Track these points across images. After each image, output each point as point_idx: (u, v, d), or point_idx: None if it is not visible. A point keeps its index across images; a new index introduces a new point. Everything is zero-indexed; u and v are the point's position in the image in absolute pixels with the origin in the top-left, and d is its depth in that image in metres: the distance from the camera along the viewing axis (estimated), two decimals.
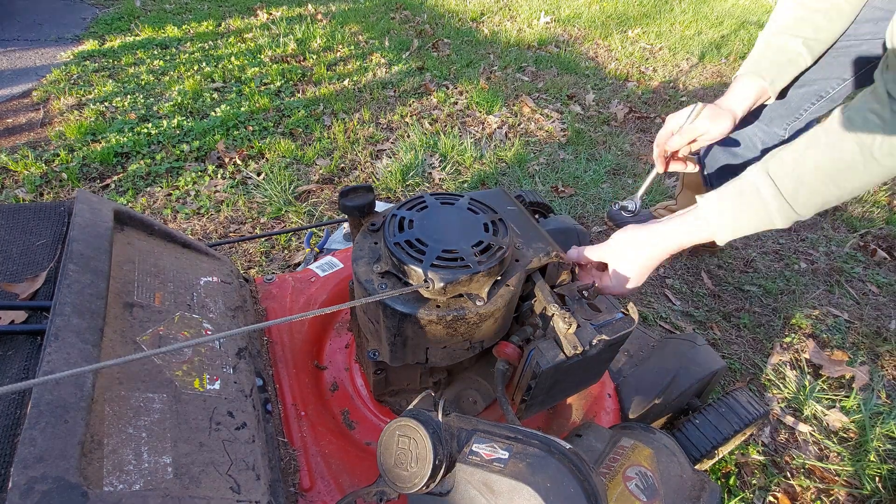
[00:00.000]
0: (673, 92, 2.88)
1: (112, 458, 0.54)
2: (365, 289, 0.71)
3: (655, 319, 1.49)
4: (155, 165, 1.92)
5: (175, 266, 0.85)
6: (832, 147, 0.68)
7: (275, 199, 1.77)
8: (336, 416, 0.95)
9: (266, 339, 0.96)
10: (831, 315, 1.58)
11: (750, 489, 1.13)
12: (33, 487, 0.45)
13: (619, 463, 0.77)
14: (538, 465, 0.55)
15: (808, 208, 0.72)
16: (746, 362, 1.41)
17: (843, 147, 0.67)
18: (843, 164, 0.68)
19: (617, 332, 0.74)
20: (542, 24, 3.70)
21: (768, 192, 0.72)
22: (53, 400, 0.51)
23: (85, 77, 2.53)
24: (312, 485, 0.78)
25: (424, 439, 0.56)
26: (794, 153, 0.71)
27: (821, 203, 0.72)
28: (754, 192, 0.73)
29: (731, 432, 0.96)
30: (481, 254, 0.70)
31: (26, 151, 1.89)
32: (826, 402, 1.31)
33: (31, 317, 0.68)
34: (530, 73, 2.98)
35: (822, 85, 1.17)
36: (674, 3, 4.27)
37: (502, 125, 2.43)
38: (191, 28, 3.19)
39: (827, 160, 0.69)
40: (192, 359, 0.72)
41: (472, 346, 0.75)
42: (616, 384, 1.05)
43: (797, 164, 0.71)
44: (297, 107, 2.39)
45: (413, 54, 3.07)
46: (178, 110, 2.30)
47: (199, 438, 0.63)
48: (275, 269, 1.54)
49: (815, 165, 0.69)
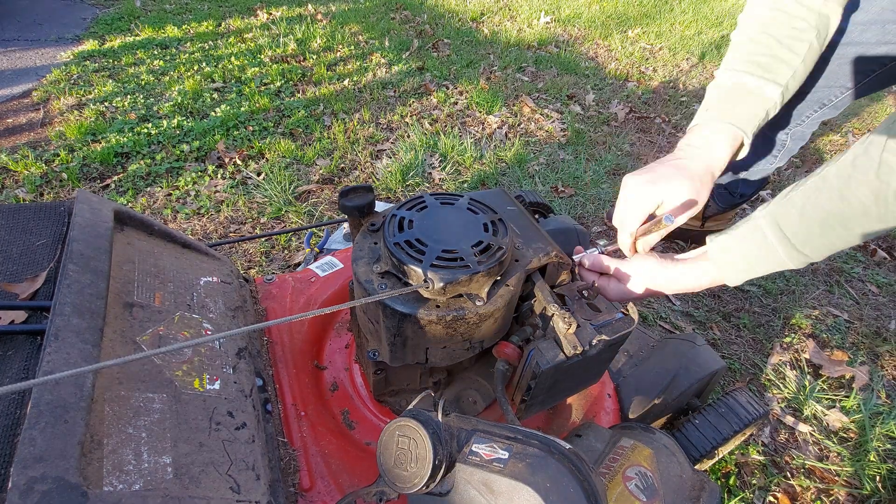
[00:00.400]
0: (673, 92, 2.88)
1: (112, 458, 0.54)
2: (365, 289, 0.71)
3: (655, 319, 1.49)
4: (155, 165, 1.92)
5: (175, 266, 0.85)
6: (842, 191, 0.63)
7: (275, 199, 1.77)
8: (336, 416, 0.95)
9: (266, 339, 0.96)
10: (831, 315, 1.58)
11: (750, 489, 1.13)
12: (33, 487, 0.45)
13: (618, 463, 0.77)
14: (538, 465, 0.55)
15: (818, 253, 0.68)
16: (746, 362, 1.41)
17: (855, 192, 0.62)
18: (854, 210, 0.63)
19: (617, 332, 0.74)
20: (542, 24, 3.70)
21: (774, 238, 0.69)
22: (53, 400, 0.51)
23: (85, 77, 2.53)
24: (312, 485, 0.78)
25: (424, 439, 0.56)
26: (802, 196, 0.67)
27: (831, 247, 0.68)
28: (761, 238, 0.71)
29: (730, 432, 0.96)
30: (481, 254, 0.70)
31: (26, 151, 1.89)
32: (826, 402, 1.31)
33: (31, 317, 0.68)
34: (530, 73, 2.98)
35: (825, 93, 1.16)
36: (674, 3, 4.26)
37: (502, 125, 2.43)
38: (191, 28, 3.20)
39: (836, 205, 0.64)
40: (192, 359, 0.72)
41: (472, 346, 0.75)
42: (616, 384, 1.05)
43: (805, 208, 0.67)
44: (297, 107, 2.39)
45: (413, 54, 3.07)
46: (178, 110, 2.30)
47: (199, 438, 0.63)
48: (275, 269, 1.54)
49: (824, 210, 0.65)
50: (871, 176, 0.60)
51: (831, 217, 0.65)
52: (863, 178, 0.61)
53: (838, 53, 1.07)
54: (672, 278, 0.79)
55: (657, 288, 0.80)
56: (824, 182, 0.65)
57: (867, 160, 0.61)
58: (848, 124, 2.70)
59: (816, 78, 1.13)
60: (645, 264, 0.81)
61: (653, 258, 0.81)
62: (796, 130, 1.25)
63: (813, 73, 1.13)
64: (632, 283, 0.81)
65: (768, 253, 0.71)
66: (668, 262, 0.80)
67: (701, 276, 0.77)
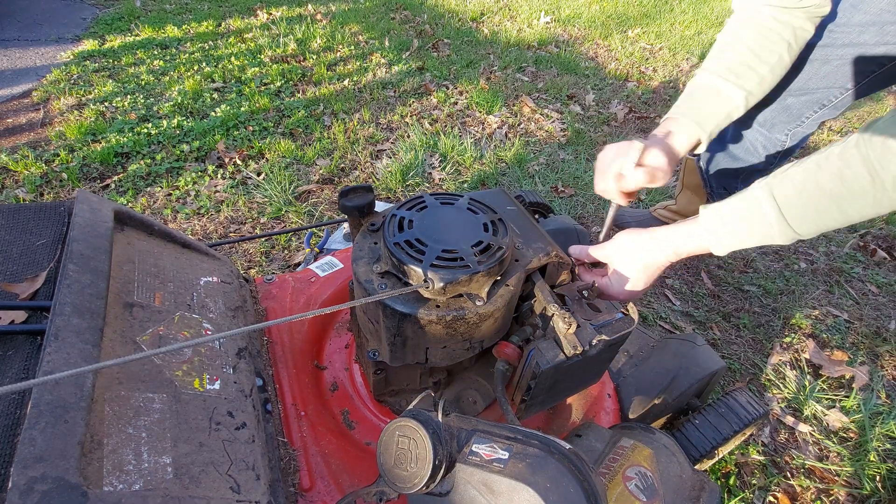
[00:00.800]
0: (673, 92, 2.88)
1: (112, 458, 0.54)
2: (365, 289, 0.71)
3: (655, 319, 1.49)
4: (155, 165, 1.92)
5: (175, 266, 0.85)
6: (841, 171, 0.65)
7: (275, 199, 1.77)
8: (336, 416, 0.95)
9: (266, 339, 0.96)
10: (831, 315, 1.58)
11: (750, 489, 1.13)
12: (33, 487, 0.45)
13: (618, 463, 0.77)
14: (538, 465, 0.55)
15: (809, 230, 0.70)
16: (746, 362, 1.41)
17: (853, 173, 0.64)
18: (851, 191, 0.65)
19: (617, 332, 0.74)
20: (542, 24, 3.71)
21: (770, 210, 0.70)
22: (53, 400, 0.51)
23: (85, 77, 2.53)
24: (312, 485, 0.78)
25: (424, 439, 0.56)
26: (802, 172, 0.69)
27: (822, 226, 0.69)
28: (757, 208, 0.72)
29: (730, 432, 0.96)
30: (481, 254, 0.70)
31: (26, 151, 1.89)
32: (826, 402, 1.31)
33: (31, 317, 0.68)
34: (530, 73, 2.98)
35: (824, 94, 1.16)
36: (674, 3, 4.26)
37: (502, 125, 2.43)
38: (191, 28, 3.19)
39: (834, 184, 0.65)
40: (192, 359, 0.72)
41: (472, 346, 0.75)
42: (616, 384, 1.05)
43: (803, 184, 0.68)
44: (297, 107, 2.39)
45: (413, 54, 3.07)
46: (178, 110, 2.30)
47: (199, 438, 0.63)
48: (275, 269, 1.54)
49: (821, 188, 0.67)
50: (871, 159, 0.62)
51: (827, 196, 0.66)
52: (862, 161, 0.63)
53: (837, 54, 1.07)
54: (657, 241, 0.79)
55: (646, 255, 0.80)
56: (826, 161, 0.67)
57: (869, 144, 0.62)
58: (848, 124, 2.70)
59: (816, 79, 1.13)
60: (628, 236, 0.82)
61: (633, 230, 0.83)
62: (796, 131, 1.25)
63: (813, 73, 1.13)
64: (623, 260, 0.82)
65: (759, 223, 0.72)
66: (653, 228, 0.81)
67: (687, 236, 0.78)
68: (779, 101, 1.22)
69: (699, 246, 0.77)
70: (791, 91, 1.18)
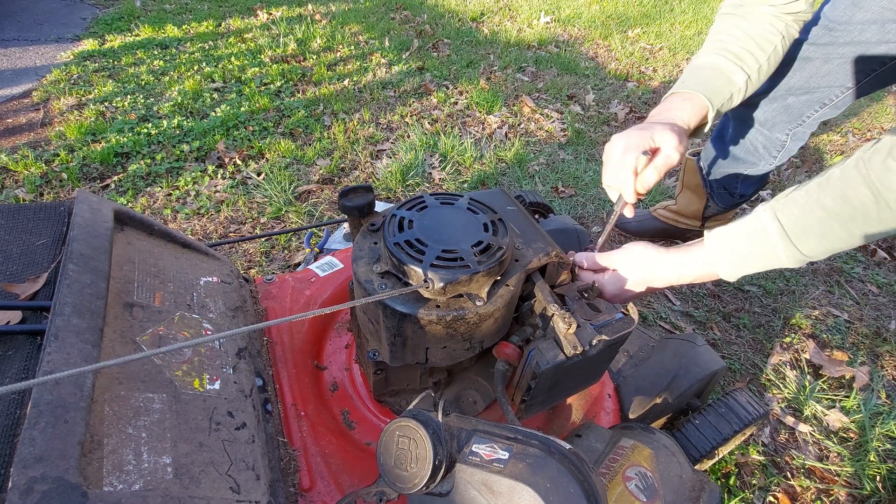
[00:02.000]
0: None
1: (112, 458, 0.54)
2: (365, 289, 0.71)
3: (655, 319, 1.49)
4: (155, 165, 1.92)
5: (175, 266, 0.85)
6: (844, 192, 0.64)
7: (275, 199, 1.77)
8: (336, 416, 0.95)
9: (266, 339, 0.96)
10: (831, 315, 1.58)
11: (750, 489, 1.13)
12: (33, 487, 0.45)
13: (618, 463, 0.77)
14: (538, 465, 0.55)
15: (816, 250, 0.69)
16: (746, 362, 1.41)
17: (855, 193, 0.63)
18: (855, 210, 0.64)
19: (617, 333, 0.74)
20: (542, 24, 3.70)
21: (775, 234, 0.69)
22: (53, 400, 0.51)
23: (85, 77, 2.53)
24: (312, 485, 0.78)
25: (424, 439, 0.56)
26: (805, 195, 0.68)
27: (829, 247, 0.68)
28: (761, 233, 0.71)
29: (730, 433, 0.96)
30: (481, 254, 0.70)
31: (26, 151, 1.89)
32: (826, 403, 1.31)
33: (32, 317, 0.68)
34: (530, 73, 2.98)
35: (825, 93, 1.16)
36: (674, 3, 4.26)
37: (502, 125, 2.43)
38: (191, 28, 3.20)
39: (838, 205, 0.65)
40: (192, 359, 0.72)
41: (472, 346, 0.75)
42: (616, 384, 1.05)
43: (807, 207, 0.67)
44: (297, 107, 2.39)
45: (413, 54, 3.07)
46: (178, 110, 2.30)
47: (199, 438, 0.63)
48: (275, 269, 1.54)
49: (825, 209, 0.66)
50: (873, 179, 0.61)
51: (832, 216, 0.66)
52: (864, 182, 0.62)
53: (839, 53, 1.07)
54: (665, 262, 0.79)
55: (650, 272, 0.80)
56: (828, 182, 0.66)
57: (869, 165, 0.62)
58: (848, 124, 2.70)
59: (817, 78, 1.13)
60: (637, 248, 0.82)
61: (646, 243, 0.82)
62: (797, 131, 1.25)
63: (814, 72, 1.13)
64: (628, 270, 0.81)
65: (765, 247, 0.71)
66: (662, 248, 0.81)
67: (693, 262, 0.77)
68: (779, 100, 1.22)
69: (705, 271, 0.77)
70: (792, 90, 1.18)
